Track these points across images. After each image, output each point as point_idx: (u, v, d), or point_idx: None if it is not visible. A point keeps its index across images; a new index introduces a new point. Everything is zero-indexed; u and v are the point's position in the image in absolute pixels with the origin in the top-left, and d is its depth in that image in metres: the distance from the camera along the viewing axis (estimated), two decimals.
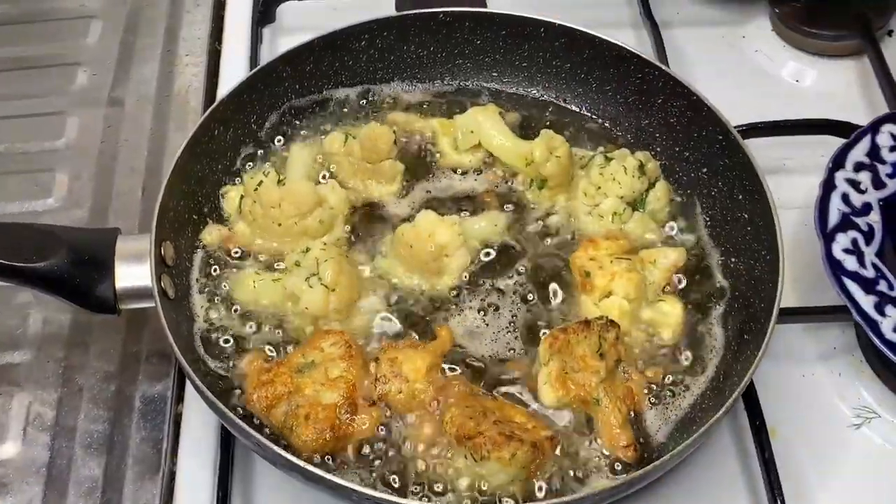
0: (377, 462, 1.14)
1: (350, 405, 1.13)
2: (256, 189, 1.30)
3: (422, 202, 1.38)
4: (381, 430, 1.15)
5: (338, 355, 1.17)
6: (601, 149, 1.42)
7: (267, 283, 1.26)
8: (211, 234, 1.32)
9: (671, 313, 1.26)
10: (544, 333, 1.24)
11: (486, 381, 1.21)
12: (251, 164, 1.41)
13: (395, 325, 1.26)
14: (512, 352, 1.24)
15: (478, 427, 1.10)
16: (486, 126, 1.41)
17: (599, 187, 1.34)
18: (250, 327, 1.25)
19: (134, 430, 1.28)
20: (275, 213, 1.29)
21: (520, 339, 1.25)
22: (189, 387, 1.31)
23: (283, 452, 1.05)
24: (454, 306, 1.28)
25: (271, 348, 1.24)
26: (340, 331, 1.21)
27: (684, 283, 1.30)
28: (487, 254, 1.33)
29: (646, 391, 1.21)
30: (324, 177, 1.39)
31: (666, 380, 1.22)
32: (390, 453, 1.15)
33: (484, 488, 1.11)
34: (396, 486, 1.12)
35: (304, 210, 1.29)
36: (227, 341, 1.24)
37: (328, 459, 1.13)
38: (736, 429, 1.29)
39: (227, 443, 1.22)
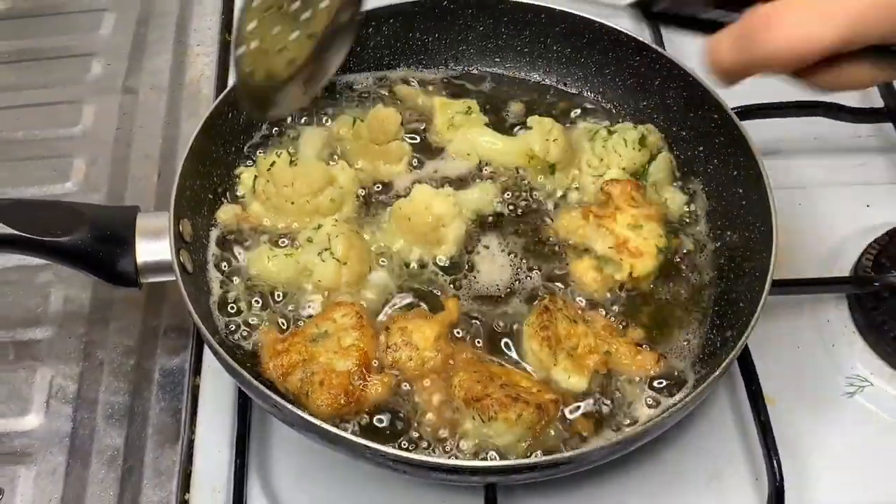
0: (390, 423, 1.19)
1: (362, 372, 1.18)
2: (269, 169, 1.35)
3: (430, 181, 1.42)
4: (394, 395, 1.20)
5: (350, 325, 1.22)
6: (606, 122, 1.48)
7: (280, 258, 1.31)
8: (226, 213, 1.37)
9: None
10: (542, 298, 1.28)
11: (493, 346, 1.26)
12: (264, 146, 1.46)
13: (404, 296, 1.31)
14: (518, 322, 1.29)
15: (485, 390, 1.14)
16: (479, 141, 1.44)
17: (602, 159, 1.39)
18: (264, 301, 1.30)
19: (154, 401, 1.33)
20: (288, 192, 1.34)
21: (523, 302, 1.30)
22: (206, 359, 1.36)
23: (299, 412, 1.09)
24: (458, 276, 1.32)
25: (284, 321, 1.28)
26: (352, 302, 1.26)
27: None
28: (484, 222, 1.38)
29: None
30: (333, 158, 1.44)
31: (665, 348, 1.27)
32: (402, 415, 1.19)
33: (491, 448, 1.15)
34: (408, 445, 1.17)
35: (316, 189, 1.34)
36: (241, 313, 1.28)
37: (343, 422, 1.18)
38: (733, 397, 1.33)
39: (243, 411, 1.27)
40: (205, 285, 1.30)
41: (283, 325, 1.27)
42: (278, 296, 1.30)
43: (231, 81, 1.55)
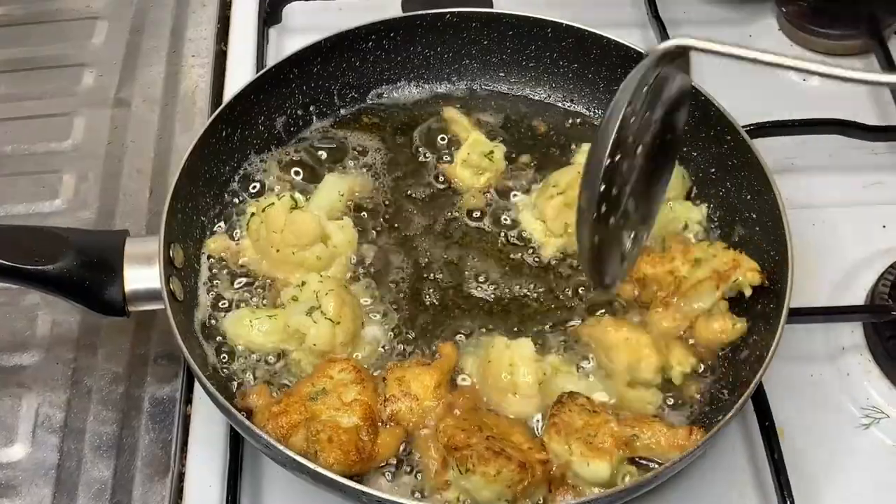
0: (390, 468, 1.15)
1: (370, 426, 1.13)
2: (265, 210, 1.29)
3: None
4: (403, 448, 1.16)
5: (349, 380, 1.16)
6: None
7: (263, 321, 1.24)
8: (216, 243, 1.32)
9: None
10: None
11: None
12: (262, 161, 1.42)
13: (397, 347, 1.26)
14: None
15: (468, 439, 1.09)
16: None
17: None
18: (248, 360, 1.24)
19: (143, 431, 1.28)
20: (276, 238, 1.27)
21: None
22: (197, 388, 1.31)
23: (291, 453, 1.05)
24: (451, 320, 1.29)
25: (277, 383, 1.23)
26: (346, 358, 1.21)
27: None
28: None
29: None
30: (347, 213, 1.37)
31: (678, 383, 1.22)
32: (405, 466, 1.16)
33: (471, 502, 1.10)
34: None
35: (304, 242, 1.27)
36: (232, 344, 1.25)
37: None
38: (745, 429, 1.29)
39: (235, 444, 1.22)
40: (196, 311, 1.26)
41: (271, 385, 1.22)
42: (261, 359, 1.24)
43: (227, 96, 1.50)
